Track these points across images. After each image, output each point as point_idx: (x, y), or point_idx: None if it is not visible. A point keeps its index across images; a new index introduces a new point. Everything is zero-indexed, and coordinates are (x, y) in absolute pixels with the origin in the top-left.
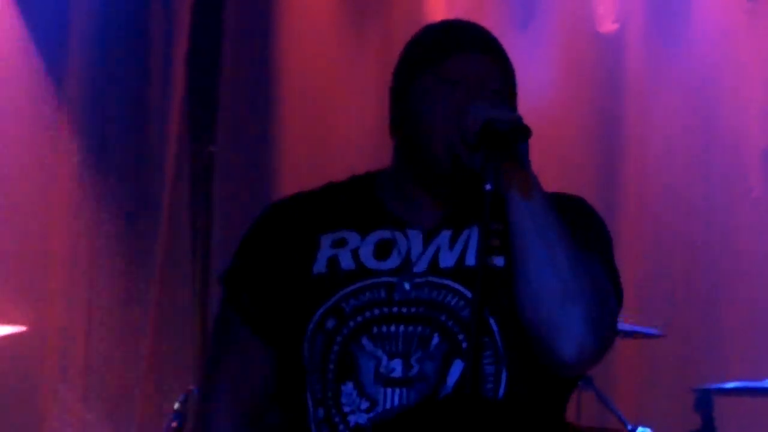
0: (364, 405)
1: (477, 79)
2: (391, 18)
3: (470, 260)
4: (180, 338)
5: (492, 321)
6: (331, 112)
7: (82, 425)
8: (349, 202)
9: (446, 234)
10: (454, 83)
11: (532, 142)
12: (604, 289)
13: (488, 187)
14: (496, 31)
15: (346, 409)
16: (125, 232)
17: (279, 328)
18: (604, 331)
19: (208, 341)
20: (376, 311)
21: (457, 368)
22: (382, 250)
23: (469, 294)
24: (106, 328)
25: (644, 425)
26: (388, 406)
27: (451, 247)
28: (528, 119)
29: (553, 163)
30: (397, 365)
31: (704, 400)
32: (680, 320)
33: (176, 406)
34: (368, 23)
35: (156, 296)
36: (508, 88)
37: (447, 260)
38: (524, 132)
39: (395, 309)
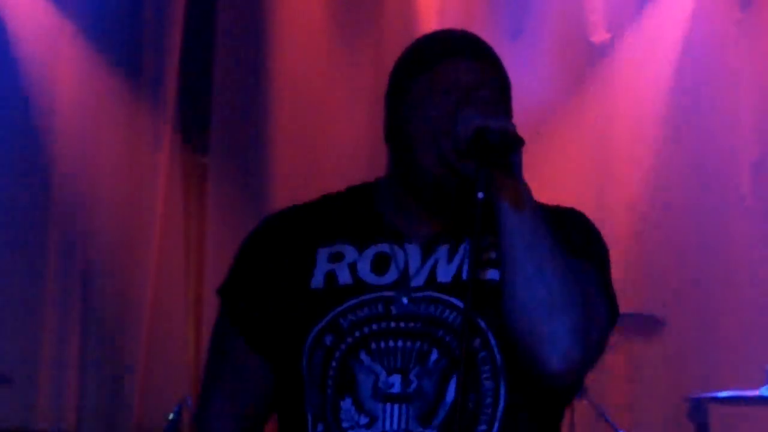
0: (363, 420)
1: (468, 86)
2: (383, 28)
3: (468, 275)
4: (174, 348)
5: (490, 335)
6: (323, 121)
7: None
8: (346, 214)
9: (444, 248)
10: (446, 90)
11: (524, 151)
12: (593, 300)
13: (480, 195)
14: (488, 41)
15: (345, 424)
16: (120, 241)
17: (276, 342)
18: (591, 343)
19: (203, 351)
20: (375, 326)
21: (455, 385)
22: (380, 264)
23: None
24: (99, 337)
25: None
26: (387, 421)
27: (449, 261)
28: (519, 128)
29: (545, 172)
30: (396, 381)
31: (698, 409)
32: (674, 329)
33: (170, 416)
34: (360, 33)
35: (150, 305)
36: (501, 95)
37: (445, 275)
38: (516, 142)
39: (393, 324)
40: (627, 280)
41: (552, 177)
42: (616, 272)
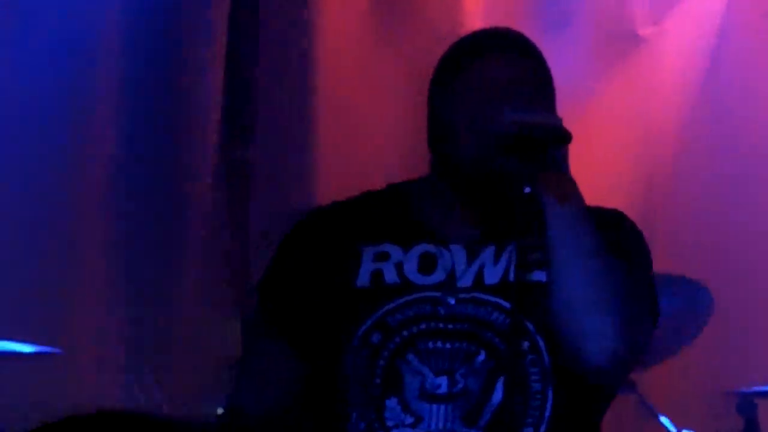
0: (409, 420)
1: (510, 82)
2: (427, 24)
3: (515, 276)
4: (217, 348)
5: (539, 338)
6: (367, 118)
7: None
8: (389, 213)
9: (490, 249)
10: (487, 86)
11: (569, 146)
12: (637, 300)
13: (526, 190)
14: (532, 35)
15: (390, 423)
16: (161, 240)
17: (314, 339)
18: (635, 340)
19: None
20: (423, 326)
21: (502, 386)
22: (426, 264)
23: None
24: (143, 337)
25: (687, 428)
26: (433, 421)
27: (496, 262)
28: (564, 124)
29: (590, 167)
30: (443, 382)
31: (747, 403)
32: (721, 322)
33: (219, 411)
34: (404, 29)
35: (191, 305)
36: (543, 91)
37: (492, 276)
38: (563, 137)
39: (441, 325)
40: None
41: (597, 172)
42: (659, 266)
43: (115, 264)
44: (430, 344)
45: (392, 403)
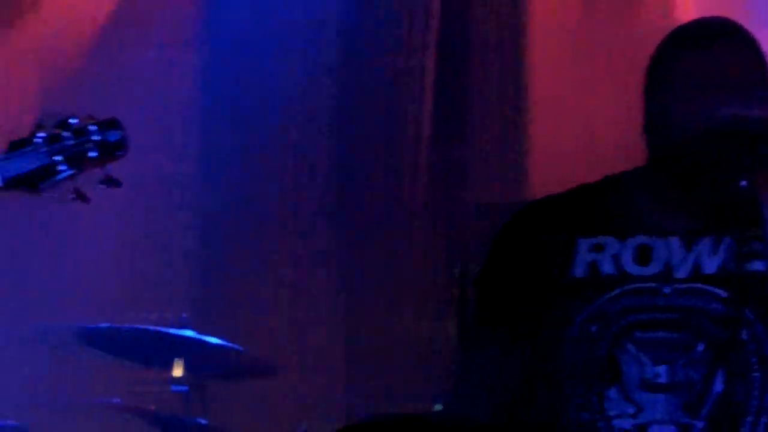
0: (630, 410)
1: (725, 73)
2: (640, 16)
3: (733, 266)
4: (439, 340)
5: (758, 327)
6: (582, 110)
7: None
8: (605, 205)
9: (707, 240)
10: (702, 77)
11: None
12: None
13: (743, 184)
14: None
15: (611, 413)
16: (378, 237)
17: (532, 330)
18: None
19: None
20: (640, 316)
21: (722, 376)
22: (642, 255)
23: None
24: (362, 339)
25: None
26: (653, 411)
27: (713, 253)
28: None
29: None
30: (662, 371)
31: None
32: None
33: (437, 407)
34: (617, 20)
35: (408, 305)
36: (761, 82)
37: (709, 266)
38: None
39: (658, 315)
40: None
41: None
42: None
43: (335, 268)
44: (648, 334)
45: (613, 393)
